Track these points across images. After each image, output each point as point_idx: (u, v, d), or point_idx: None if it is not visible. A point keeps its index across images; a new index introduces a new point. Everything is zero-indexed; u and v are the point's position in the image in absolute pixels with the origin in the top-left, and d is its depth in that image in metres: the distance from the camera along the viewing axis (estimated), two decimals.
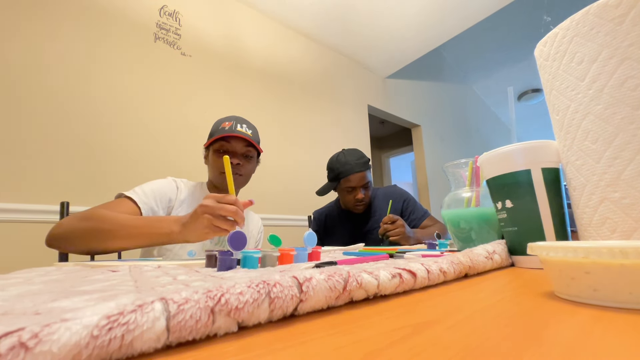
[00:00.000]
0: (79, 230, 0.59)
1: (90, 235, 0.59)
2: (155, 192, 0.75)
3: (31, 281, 0.27)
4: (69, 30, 1.26)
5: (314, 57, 2.28)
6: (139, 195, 0.71)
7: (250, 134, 0.85)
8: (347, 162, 1.12)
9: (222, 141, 0.82)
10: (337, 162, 1.15)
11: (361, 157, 1.15)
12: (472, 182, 0.51)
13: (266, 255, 0.36)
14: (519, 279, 0.29)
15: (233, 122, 0.84)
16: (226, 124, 0.84)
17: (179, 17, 1.60)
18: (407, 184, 5.02)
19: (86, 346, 0.10)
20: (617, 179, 0.29)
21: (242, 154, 0.84)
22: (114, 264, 0.43)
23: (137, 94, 1.41)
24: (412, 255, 0.46)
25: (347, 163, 1.12)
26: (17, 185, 1.08)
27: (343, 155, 1.15)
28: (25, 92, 1.14)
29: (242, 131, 0.83)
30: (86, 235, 0.59)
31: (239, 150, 0.84)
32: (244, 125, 0.85)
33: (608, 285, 0.17)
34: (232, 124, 0.83)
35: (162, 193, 0.76)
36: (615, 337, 0.13)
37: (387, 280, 0.21)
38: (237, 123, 0.84)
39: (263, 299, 0.15)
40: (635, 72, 0.28)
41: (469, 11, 2.11)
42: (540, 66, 0.38)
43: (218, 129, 0.84)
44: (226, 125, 0.83)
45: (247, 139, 0.82)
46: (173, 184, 0.82)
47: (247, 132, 0.84)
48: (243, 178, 0.87)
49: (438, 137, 3.28)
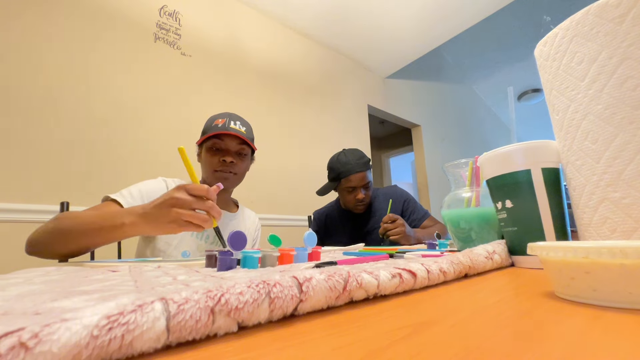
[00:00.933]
0: (45, 233, 0.55)
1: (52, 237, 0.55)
2: (143, 193, 0.72)
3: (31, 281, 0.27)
4: (69, 30, 1.26)
5: (314, 57, 2.28)
6: (125, 197, 0.68)
7: (244, 131, 0.82)
8: (348, 162, 1.12)
9: (215, 139, 0.80)
10: (337, 162, 1.14)
11: (362, 157, 1.15)
12: (472, 182, 0.51)
13: (266, 255, 0.36)
14: (519, 279, 0.29)
15: (226, 119, 0.81)
16: (219, 120, 0.81)
17: (179, 17, 1.60)
18: (407, 184, 5.03)
19: (86, 346, 0.10)
20: (617, 179, 0.29)
21: (236, 152, 0.82)
22: (114, 264, 0.43)
23: (137, 94, 1.41)
24: (412, 255, 0.46)
25: (347, 163, 1.12)
26: (17, 185, 1.08)
27: (344, 155, 1.15)
28: (25, 92, 1.14)
29: (235, 128, 0.80)
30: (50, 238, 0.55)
31: (232, 148, 0.81)
32: (237, 122, 0.82)
33: (608, 285, 0.17)
34: (225, 121, 0.80)
35: (150, 194, 0.72)
36: (615, 337, 0.13)
37: (387, 280, 0.21)
38: (231, 120, 0.81)
39: (263, 299, 0.15)
40: (635, 72, 0.28)
41: (469, 11, 2.11)
42: (540, 66, 0.38)
43: (211, 126, 0.81)
44: (219, 122, 0.80)
45: (241, 136, 0.80)
46: (163, 184, 0.79)
47: (240, 130, 0.81)
48: (237, 177, 0.85)
49: (438, 137, 3.28)
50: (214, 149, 0.81)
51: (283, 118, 1.98)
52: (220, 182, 0.82)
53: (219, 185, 0.51)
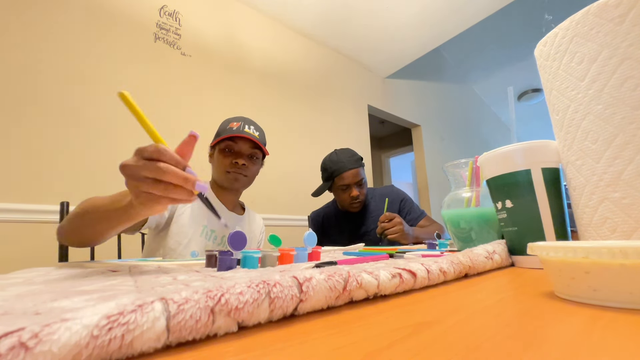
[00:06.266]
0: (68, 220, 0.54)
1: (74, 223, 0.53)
2: None
3: (31, 281, 0.27)
4: (69, 30, 1.26)
5: (314, 57, 2.28)
6: None
7: (257, 135, 0.85)
8: (340, 160, 1.13)
9: (228, 141, 0.82)
10: (329, 162, 1.15)
11: (353, 155, 1.16)
12: (472, 182, 0.51)
13: (266, 255, 0.36)
14: (519, 279, 0.29)
15: (241, 123, 0.84)
16: (234, 124, 0.83)
17: (179, 17, 1.60)
18: (407, 184, 5.03)
19: (86, 346, 0.10)
20: (617, 179, 0.29)
21: (248, 155, 0.84)
22: (114, 264, 0.43)
23: (137, 94, 1.41)
24: (412, 255, 0.46)
25: (339, 161, 1.13)
26: (17, 185, 1.08)
27: (335, 154, 1.16)
28: (25, 92, 1.14)
29: (249, 132, 0.83)
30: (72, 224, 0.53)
31: (245, 151, 0.83)
32: (251, 126, 0.85)
33: (608, 285, 0.17)
34: (240, 125, 0.83)
35: None
36: (615, 337, 0.13)
37: (387, 280, 0.21)
38: (245, 124, 0.84)
39: (263, 299, 0.15)
40: (635, 72, 0.28)
41: (469, 11, 2.11)
42: (540, 66, 0.38)
43: (226, 129, 0.83)
44: (234, 126, 0.83)
45: (254, 140, 0.82)
46: None
47: (254, 134, 0.84)
48: (247, 179, 0.87)
49: (438, 137, 3.28)
50: (227, 151, 0.83)
51: (283, 118, 1.98)
52: (232, 182, 0.84)
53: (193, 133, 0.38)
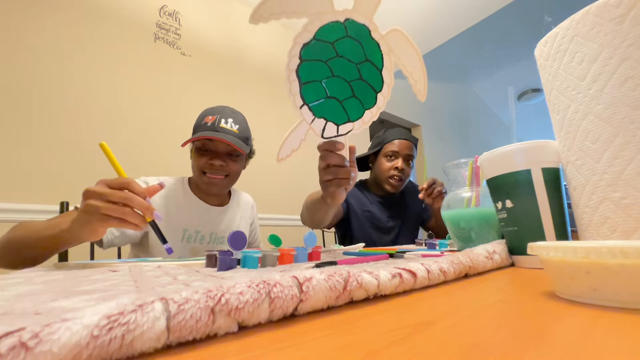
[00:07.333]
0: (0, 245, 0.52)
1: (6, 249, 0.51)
2: None
3: (31, 281, 0.27)
4: (68, 29, 1.26)
5: None
6: None
7: (236, 130, 0.74)
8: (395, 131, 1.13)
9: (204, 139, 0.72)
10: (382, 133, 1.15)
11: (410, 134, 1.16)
12: (472, 182, 0.51)
13: (266, 255, 0.36)
14: (519, 278, 0.29)
15: (217, 117, 0.73)
16: (209, 118, 0.72)
17: (178, 17, 1.60)
18: None
19: (86, 346, 0.10)
20: (617, 178, 0.29)
21: (227, 153, 0.74)
22: (114, 264, 0.43)
23: (137, 94, 1.41)
24: (412, 255, 0.46)
25: (395, 132, 1.13)
26: (17, 185, 1.08)
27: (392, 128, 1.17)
28: (25, 92, 1.14)
29: (226, 128, 0.72)
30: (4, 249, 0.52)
31: (222, 149, 0.73)
32: (229, 120, 0.73)
33: (608, 285, 0.17)
34: (215, 119, 0.72)
35: None
36: (615, 337, 0.13)
37: (387, 280, 0.21)
38: (222, 117, 0.73)
39: (263, 298, 0.15)
40: (635, 72, 0.28)
41: (469, 11, 2.11)
42: (540, 66, 0.38)
43: (200, 125, 0.73)
44: (209, 120, 0.72)
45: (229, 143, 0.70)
46: (144, 185, 0.72)
47: (231, 129, 0.73)
48: (228, 179, 0.78)
49: (438, 137, 3.28)
50: (203, 150, 0.74)
51: (282, 118, 1.98)
52: (207, 186, 0.76)
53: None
